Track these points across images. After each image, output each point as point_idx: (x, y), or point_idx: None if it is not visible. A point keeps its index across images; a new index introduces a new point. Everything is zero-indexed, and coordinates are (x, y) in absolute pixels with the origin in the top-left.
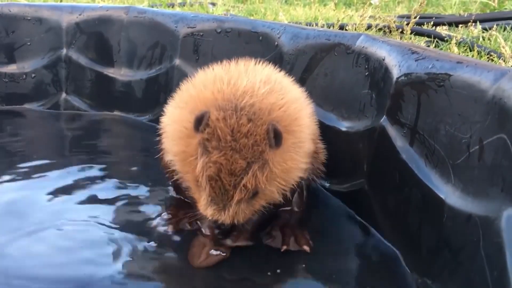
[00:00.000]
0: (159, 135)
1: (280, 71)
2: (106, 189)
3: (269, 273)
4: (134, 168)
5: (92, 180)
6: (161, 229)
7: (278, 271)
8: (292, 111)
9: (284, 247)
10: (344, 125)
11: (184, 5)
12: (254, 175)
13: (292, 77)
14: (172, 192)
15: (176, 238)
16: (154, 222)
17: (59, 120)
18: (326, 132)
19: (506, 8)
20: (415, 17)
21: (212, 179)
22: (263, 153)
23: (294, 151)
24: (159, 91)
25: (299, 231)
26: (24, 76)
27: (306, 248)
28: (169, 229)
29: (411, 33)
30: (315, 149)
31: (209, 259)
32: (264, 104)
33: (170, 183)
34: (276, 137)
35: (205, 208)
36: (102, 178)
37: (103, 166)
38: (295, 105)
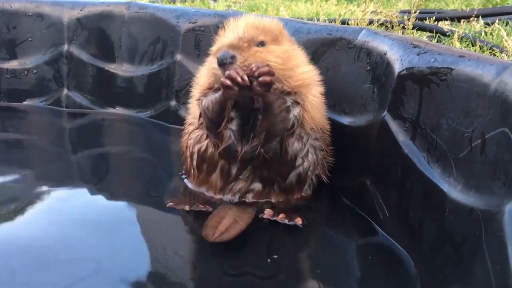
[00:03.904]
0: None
1: None
2: (111, 180)
3: (269, 268)
4: (138, 161)
5: (98, 173)
6: (177, 208)
7: (279, 266)
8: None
9: (281, 215)
10: (346, 120)
11: (185, 1)
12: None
13: None
14: (186, 181)
15: (183, 228)
16: (169, 203)
17: (61, 116)
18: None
19: (508, 3)
20: (415, 12)
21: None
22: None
23: (293, 51)
24: (160, 87)
25: (294, 211)
26: (26, 72)
27: (298, 219)
28: (186, 208)
29: (413, 28)
30: (325, 147)
31: (224, 235)
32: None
33: (186, 166)
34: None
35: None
36: (107, 171)
37: (107, 160)
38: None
